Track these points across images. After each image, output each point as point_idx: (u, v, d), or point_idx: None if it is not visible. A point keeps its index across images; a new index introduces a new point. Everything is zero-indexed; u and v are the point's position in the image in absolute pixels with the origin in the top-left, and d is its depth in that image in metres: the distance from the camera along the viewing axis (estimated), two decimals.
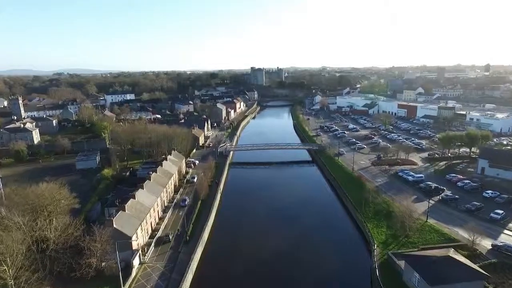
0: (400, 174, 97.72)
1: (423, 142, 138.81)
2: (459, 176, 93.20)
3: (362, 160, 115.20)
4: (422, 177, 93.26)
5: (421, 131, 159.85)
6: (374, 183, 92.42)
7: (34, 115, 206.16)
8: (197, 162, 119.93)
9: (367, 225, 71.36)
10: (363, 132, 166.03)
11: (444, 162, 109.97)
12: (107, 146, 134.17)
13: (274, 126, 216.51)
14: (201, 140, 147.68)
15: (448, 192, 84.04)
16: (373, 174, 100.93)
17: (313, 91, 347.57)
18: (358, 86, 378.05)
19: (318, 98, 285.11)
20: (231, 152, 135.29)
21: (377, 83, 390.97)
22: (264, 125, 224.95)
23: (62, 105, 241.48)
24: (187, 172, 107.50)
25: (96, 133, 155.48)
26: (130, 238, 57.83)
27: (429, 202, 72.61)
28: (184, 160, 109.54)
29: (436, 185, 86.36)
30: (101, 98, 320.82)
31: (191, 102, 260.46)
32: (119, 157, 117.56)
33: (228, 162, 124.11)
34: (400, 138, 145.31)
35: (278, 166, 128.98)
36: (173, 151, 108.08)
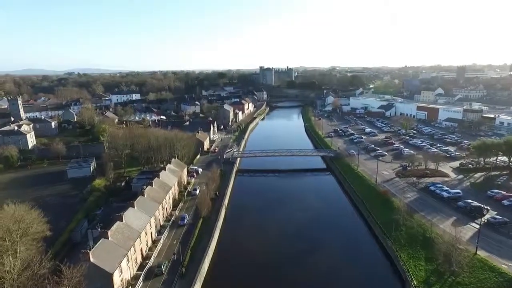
0: (432, 188, 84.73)
1: (451, 149, 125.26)
2: (503, 192, 79.80)
3: (384, 170, 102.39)
4: (459, 193, 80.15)
5: (446, 136, 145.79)
6: (402, 200, 79.78)
7: (36, 116, 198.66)
8: (200, 170, 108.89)
9: (400, 255, 59.01)
10: (382, 136, 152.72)
11: (480, 174, 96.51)
12: (106, 151, 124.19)
13: (284, 129, 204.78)
14: (206, 145, 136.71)
15: (494, 213, 70.95)
16: (399, 188, 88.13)
17: (324, 91, 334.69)
18: (371, 86, 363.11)
19: (330, 99, 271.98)
20: (238, 159, 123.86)
21: (392, 83, 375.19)
22: (274, 127, 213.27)
23: (65, 106, 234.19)
24: (188, 183, 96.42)
25: (96, 136, 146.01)
26: (112, 275, 46.86)
27: (480, 228, 59.71)
28: (185, 169, 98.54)
29: (477, 203, 73.28)
30: (107, 98, 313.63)
31: (197, 102, 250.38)
32: (117, 163, 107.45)
33: (234, 170, 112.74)
34: (424, 144, 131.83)
35: (289, 175, 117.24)
36: (173, 159, 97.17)
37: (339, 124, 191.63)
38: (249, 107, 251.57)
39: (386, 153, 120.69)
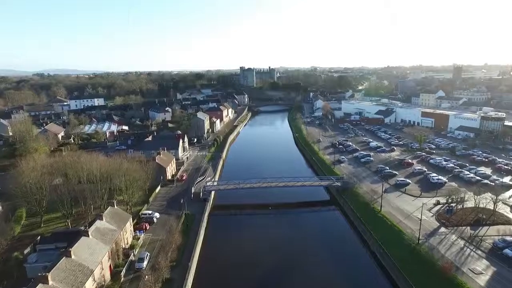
0: (509, 252, 55.22)
1: (486, 171, 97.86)
2: None
3: (418, 211, 72.65)
4: None
5: (471, 152, 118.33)
6: (471, 278, 49.86)
7: None
8: (157, 215, 75.30)
9: None
10: (393, 153, 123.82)
11: None
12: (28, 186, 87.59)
13: (270, 141, 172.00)
14: (171, 170, 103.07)
15: None
16: (455, 250, 58.08)
17: (311, 93, 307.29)
18: (361, 88, 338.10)
19: (319, 102, 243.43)
20: (213, 192, 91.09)
21: (381, 84, 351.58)
22: (258, 139, 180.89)
23: (5, 114, 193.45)
24: (132, 246, 62.40)
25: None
26: None
27: None
28: (129, 222, 64.82)
29: None
30: (65, 103, 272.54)
31: (168, 109, 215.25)
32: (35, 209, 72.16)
33: (207, 211, 79.99)
34: (450, 164, 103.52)
35: (283, 212, 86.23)
36: (109, 209, 63.32)
37: (335, 134, 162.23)
38: (228, 113, 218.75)
39: (409, 181, 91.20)
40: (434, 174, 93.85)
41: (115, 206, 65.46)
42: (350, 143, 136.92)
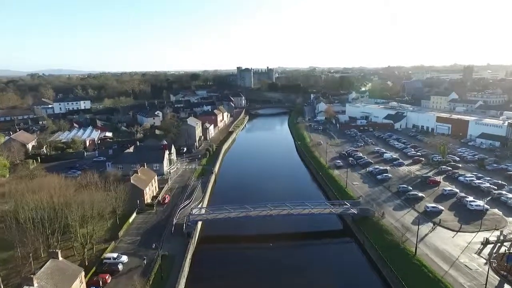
0: None
1: None
2: None
3: (463, 254, 55.88)
4: None
5: (503, 166, 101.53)
6: None
7: None
8: (123, 260, 57.72)
9: None
10: (412, 167, 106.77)
11: None
12: None
13: (269, 150, 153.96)
14: (150, 192, 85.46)
15: None
16: None
17: (312, 95, 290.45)
18: (364, 89, 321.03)
19: (322, 105, 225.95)
20: (199, 223, 73.75)
21: (385, 85, 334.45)
22: (255, 147, 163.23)
23: None
24: None
25: None
26: None
27: None
28: (79, 279, 47.14)
29: None
30: (50, 106, 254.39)
31: (158, 112, 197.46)
32: None
33: (190, 251, 62.56)
34: (485, 183, 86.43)
35: (286, 247, 69.38)
36: (50, 262, 45.79)
37: (342, 142, 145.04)
38: (223, 117, 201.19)
39: (442, 208, 74.13)
40: (471, 198, 76.77)
41: (60, 258, 47.85)
42: (361, 154, 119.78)
